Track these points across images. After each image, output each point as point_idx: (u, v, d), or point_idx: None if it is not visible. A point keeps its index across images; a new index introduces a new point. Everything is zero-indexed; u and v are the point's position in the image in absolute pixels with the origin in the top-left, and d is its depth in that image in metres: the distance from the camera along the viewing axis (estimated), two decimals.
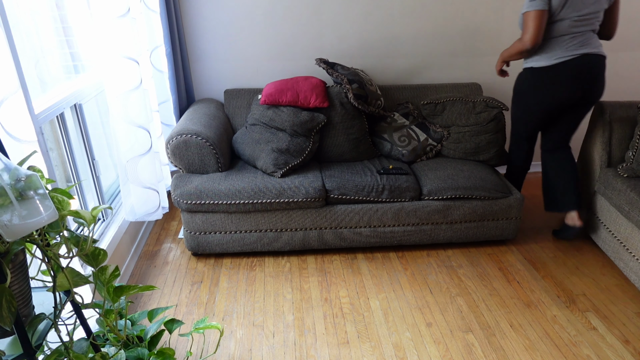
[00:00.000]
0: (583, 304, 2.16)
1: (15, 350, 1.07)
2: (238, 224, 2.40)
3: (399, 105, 2.89)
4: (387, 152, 2.71)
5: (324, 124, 2.61)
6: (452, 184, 2.41)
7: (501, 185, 2.48)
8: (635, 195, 2.17)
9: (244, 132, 2.65)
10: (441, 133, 2.72)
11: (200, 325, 1.58)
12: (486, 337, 1.96)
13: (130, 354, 1.44)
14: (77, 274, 1.12)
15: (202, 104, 2.83)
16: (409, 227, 2.49)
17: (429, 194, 2.42)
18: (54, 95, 1.90)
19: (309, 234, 2.46)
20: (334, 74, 2.65)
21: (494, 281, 2.31)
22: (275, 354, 1.89)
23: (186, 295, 2.24)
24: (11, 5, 1.71)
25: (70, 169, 2.08)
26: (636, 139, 2.33)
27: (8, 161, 0.97)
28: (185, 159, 2.39)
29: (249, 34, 2.90)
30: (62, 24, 2.15)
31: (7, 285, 0.94)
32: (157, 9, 2.48)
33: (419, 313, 2.10)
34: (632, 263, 2.18)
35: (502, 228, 2.54)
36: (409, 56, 3.06)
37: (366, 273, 2.38)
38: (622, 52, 3.21)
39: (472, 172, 2.51)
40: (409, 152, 2.65)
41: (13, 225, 0.92)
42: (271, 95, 2.58)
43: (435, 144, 2.72)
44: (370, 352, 1.89)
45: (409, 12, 2.93)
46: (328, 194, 2.39)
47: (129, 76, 2.08)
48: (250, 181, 2.35)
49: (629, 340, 1.95)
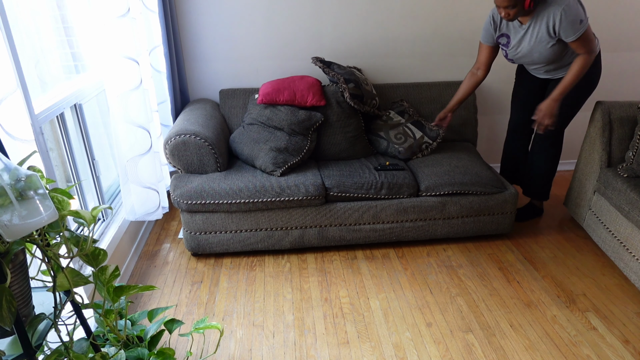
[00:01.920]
0: (583, 304, 2.16)
1: (15, 350, 1.07)
2: (238, 223, 2.40)
3: (394, 103, 2.90)
4: (383, 149, 2.72)
5: (321, 122, 2.62)
6: (448, 180, 2.44)
7: (496, 180, 2.51)
8: (635, 195, 2.17)
9: (242, 132, 2.65)
10: (437, 131, 2.74)
11: (200, 325, 1.58)
12: (486, 337, 1.96)
13: (130, 354, 1.44)
14: (77, 274, 1.12)
15: (198, 104, 2.83)
16: (407, 223, 2.50)
17: (426, 190, 2.44)
18: (54, 95, 1.90)
19: (309, 231, 2.46)
20: (330, 73, 2.65)
21: (494, 281, 2.31)
22: (275, 354, 1.89)
23: (186, 295, 2.24)
24: (11, 5, 1.71)
25: (70, 169, 2.08)
26: (636, 139, 2.33)
27: (8, 161, 0.97)
28: (184, 160, 2.39)
29: (244, 34, 2.90)
30: (63, 23, 2.15)
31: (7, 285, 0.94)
32: (155, 9, 2.48)
33: (419, 313, 2.10)
34: (632, 263, 2.18)
35: (498, 223, 2.57)
36: (408, 56, 3.06)
37: (366, 273, 2.38)
38: (622, 52, 3.21)
39: (467, 168, 2.53)
40: (405, 149, 2.66)
41: (13, 225, 0.92)
42: (268, 95, 2.59)
43: (430, 142, 2.73)
44: (370, 352, 1.89)
45: (408, 12, 2.93)
46: (328, 191, 2.39)
47: (129, 76, 2.08)
48: (250, 180, 2.35)
49: (629, 340, 1.95)
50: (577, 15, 2.14)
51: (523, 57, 2.37)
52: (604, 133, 2.45)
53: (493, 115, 3.32)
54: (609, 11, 3.06)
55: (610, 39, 3.15)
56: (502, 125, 3.37)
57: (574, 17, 2.14)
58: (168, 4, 2.60)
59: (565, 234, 2.71)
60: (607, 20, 3.09)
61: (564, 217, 2.90)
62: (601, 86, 3.32)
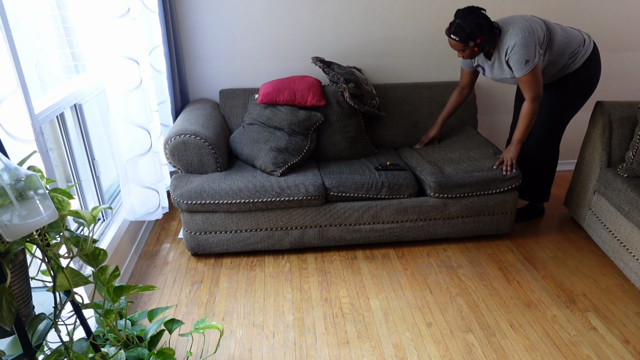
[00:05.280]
0: (583, 304, 2.16)
1: (15, 350, 1.07)
2: (238, 223, 2.40)
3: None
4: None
5: (321, 122, 2.62)
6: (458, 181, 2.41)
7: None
8: (635, 195, 2.17)
9: (242, 132, 2.65)
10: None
11: (200, 325, 1.58)
12: (486, 337, 1.96)
13: (130, 354, 1.44)
14: (77, 274, 1.12)
15: (198, 104, 2.83)
16: (407, 223, 2.50)
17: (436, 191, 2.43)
18: (54, 95, 1.90)
19: (309, 231, 2.46)
20: (330, 72, 2.65)
21: (494, 281, 2.31)
22: (275, 354, 1.89)
23: (186, 295, 2.24)
24: (11, 5, 1.71)
25: (70, 169, 2.08)
26: (636, 139, 2.33)
27: (8, 161, 0.97)
28: (184, 160, 2.39)
29: (244, 34, 2.90)
30: (63, 23, 2.15)
31: (7, 285, 0.94)
32: (155, 9, 2.48)
33: (419, 313, 2.10)
34: (632, 263, 2.18)
35: (498, 223, 2.57)
36: (408, 56, 3.06)
37: (366, 273, 2.38)
38: (622, 52, 3.21)
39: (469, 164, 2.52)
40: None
41: (13, 225, 0.92)
42: (268, 95, 2.59)
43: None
44: (370, 352, 1.89)
45: (408, 12, 2.93)
46: (328, 191, 2.39)
47: (129, 76, 2.08)
48: (250, 180, 2.35)
49: (629, 340, 1.95)
50: (524, 55, 2.18)
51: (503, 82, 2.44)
52: (604, 133, 2.45)
53: (493, 115, 3.32)
54: (609, 11, 3.06)
55: (610, 39, 3.15)
56: (502, 125, 3.36)
57: (520, 56, 2.19)
58: (168, 4, 2.60)
59: (565, 234, 2.71)
60: (607, 20, 3.09)
61: (564, 217, 2.90)
62: (601, 86, 3.32)
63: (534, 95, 2.28)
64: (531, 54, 2.18)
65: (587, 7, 3.04)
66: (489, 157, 2.56)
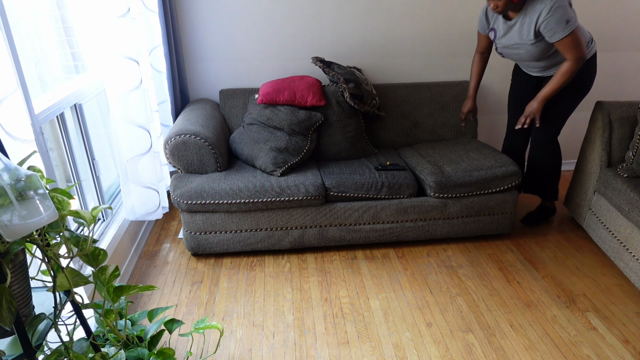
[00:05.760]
0: (583, 304, 2.16)
1: (15, 350, 1.07)
2: (238, 223, 2.40)
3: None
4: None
5: (321, 122, 2.62)
6: (458, 180, 2.42)
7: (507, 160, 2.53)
8: (635, 195, 2.17)
9: (242, 132, 2.65)
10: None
11: (200, 325, 1.58)
12: (486, 337, 1.96)
13: (130, 354, 1.44)
14: (77, 274, 1.11)
15: (198, 104, 2.83)
16: (407, 223, 2.50)
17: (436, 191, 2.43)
18: (54, 95, 1.90)
19: (309, 231, 2.46)
20: (330, 72, 2.65)
21: (494, 281, 2.31)
22: (275, 354, 1.89)
23: (186, 295, 2.24)
24: (11, 5, 1.71)
25: (70, 169, 2.08)
26: (636, 139, 2.33)
27: (8, 161, 0.97)
28: (184, 160, 2.39)
29: (244, 34, 2.90)
30: (63, 23, 2.15)
31: (7, 285, 0.94)
32: (155, 9, 2.48)
33: (419, 313, 2.10)
34: (632, 263, 2.18)
35: (498, 223, 2.58)
36: (408, 56, 3.06)
37: (366, 273, 2.38)
38: (622, 52, 3.21)
39: (469, 163, 2.52)
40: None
41: (13, 225, 0.92)
42: (268, 95, 2.59)
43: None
44: (370, 352, 1.89)
45: (408, 12, 2.93)
46: (328, 191, 2.39)
47: (129, 76, 2.08)
48: (250, 180, 2.35)
49: (629, 340, 1.95)
50: (564, 15, 2.12)
51: (510, 52, 2.38)
52: (604, 133, 2.45)
53: (493, 115, 3.32)
54: (608, 11, 3.06)
55: (610, 39, 3.15)
56: (502, 125, 3.37)
57: (561, 16, 2.11)
58: (168, 4, 2.60)
59: (565, 234, 2.71)
60: (607, 20, 3.09)
61: (564, 217, 2.90)
62: (601, 86, 3.32)
63: (579, 55, 2.19)
64: (570, 14, 2.13)
65: (588, 7, 3.04)
66: (488, 156, 2.56)
